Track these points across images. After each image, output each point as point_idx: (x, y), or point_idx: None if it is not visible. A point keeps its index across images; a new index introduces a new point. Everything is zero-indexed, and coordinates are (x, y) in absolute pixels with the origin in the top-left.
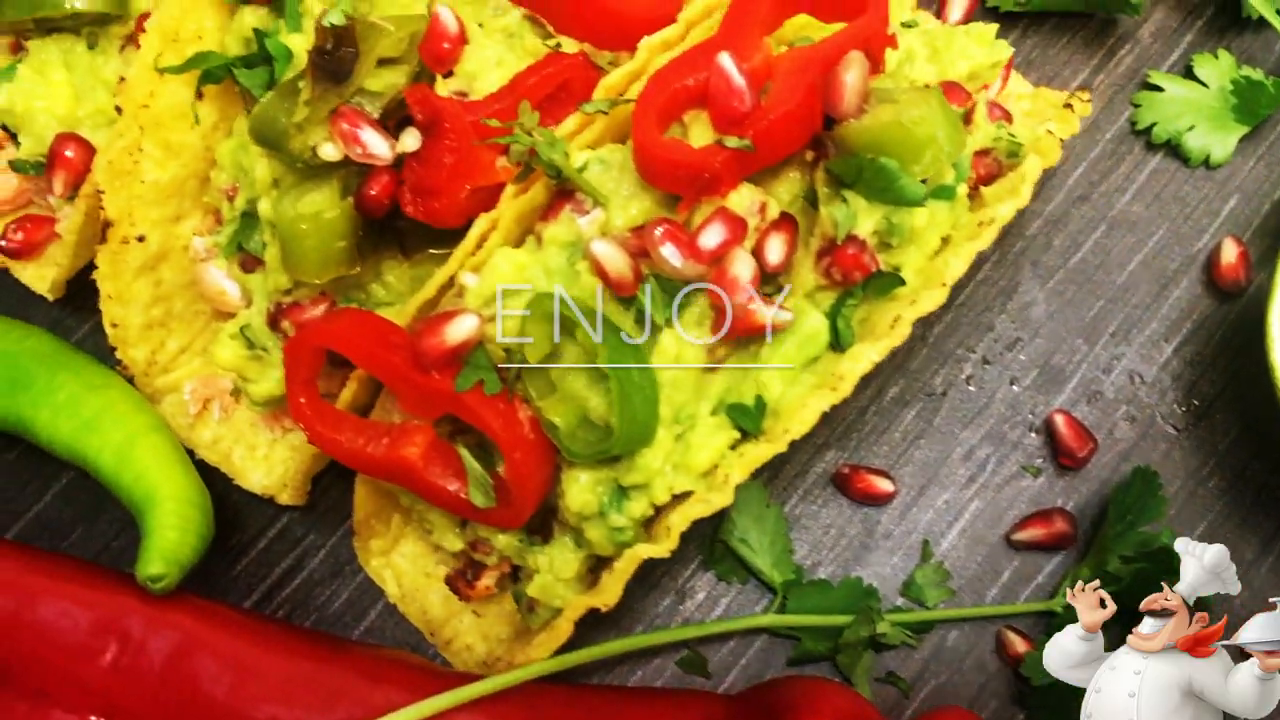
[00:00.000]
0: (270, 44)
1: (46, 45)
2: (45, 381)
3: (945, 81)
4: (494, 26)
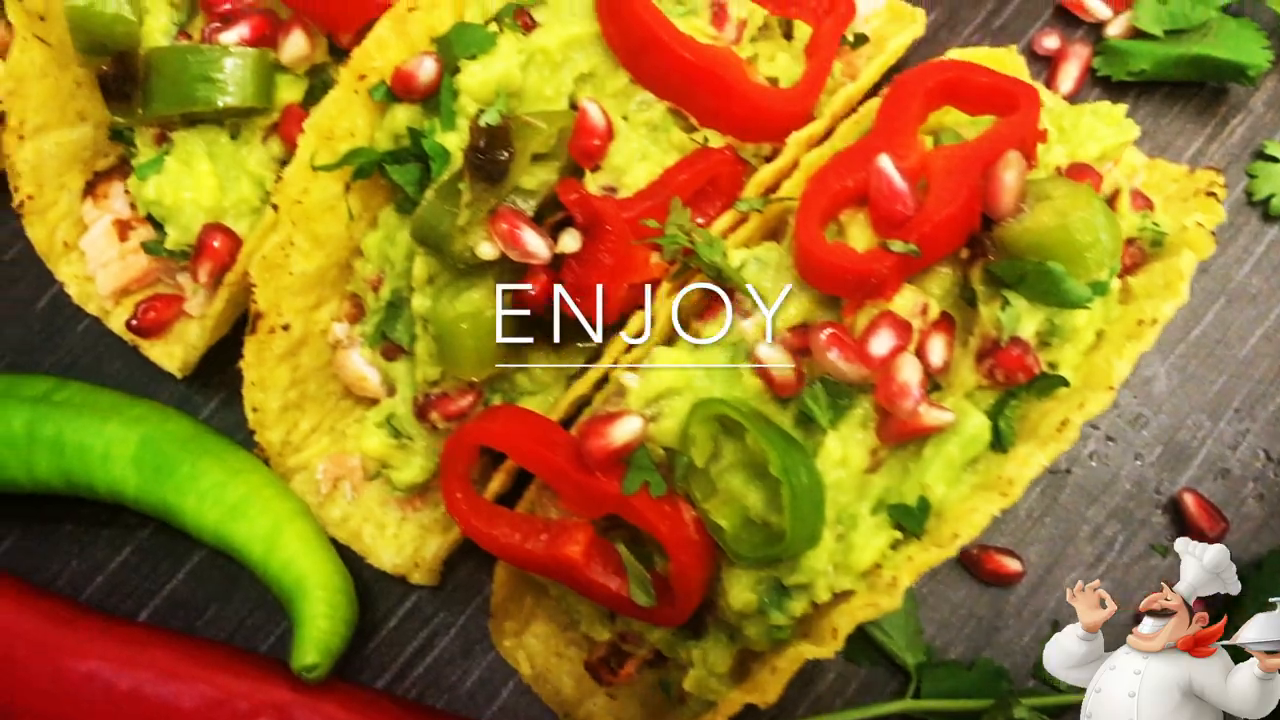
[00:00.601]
0: (427, 144)
1: (190, 137)
2: (189, 467)
3: (1075, 163)
4: (638, 120)
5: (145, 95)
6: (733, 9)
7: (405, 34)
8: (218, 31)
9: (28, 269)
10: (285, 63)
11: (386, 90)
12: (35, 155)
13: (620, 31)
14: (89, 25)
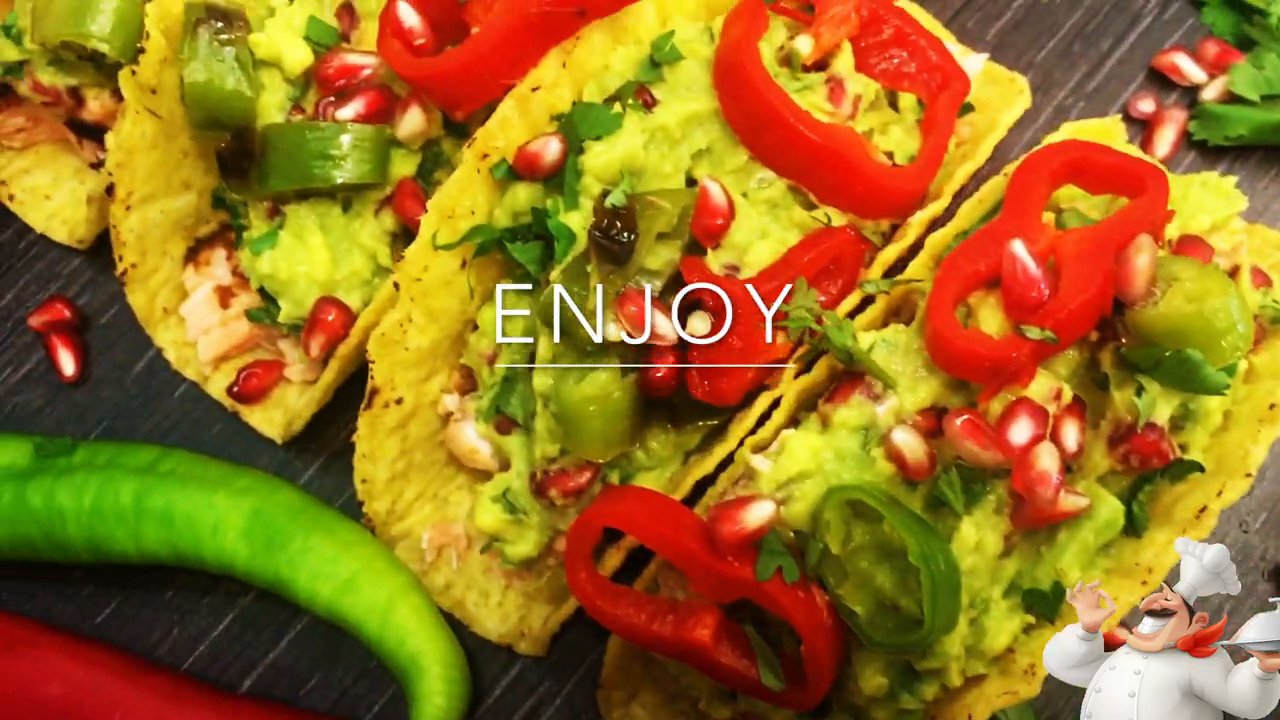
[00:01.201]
0: (552, 224)
1: (303, 210)
2: (300, 541)
3: (1187, 236)
4: (759, 198)
5: (261, 171)
6: (849, 85)
7: (528, 113)
8: (332, 106)
9: (123, 333)
10: (401, 138)
11: (508, 168)
12: (140, 224)
13: (740, 108)
14: (207, 101)
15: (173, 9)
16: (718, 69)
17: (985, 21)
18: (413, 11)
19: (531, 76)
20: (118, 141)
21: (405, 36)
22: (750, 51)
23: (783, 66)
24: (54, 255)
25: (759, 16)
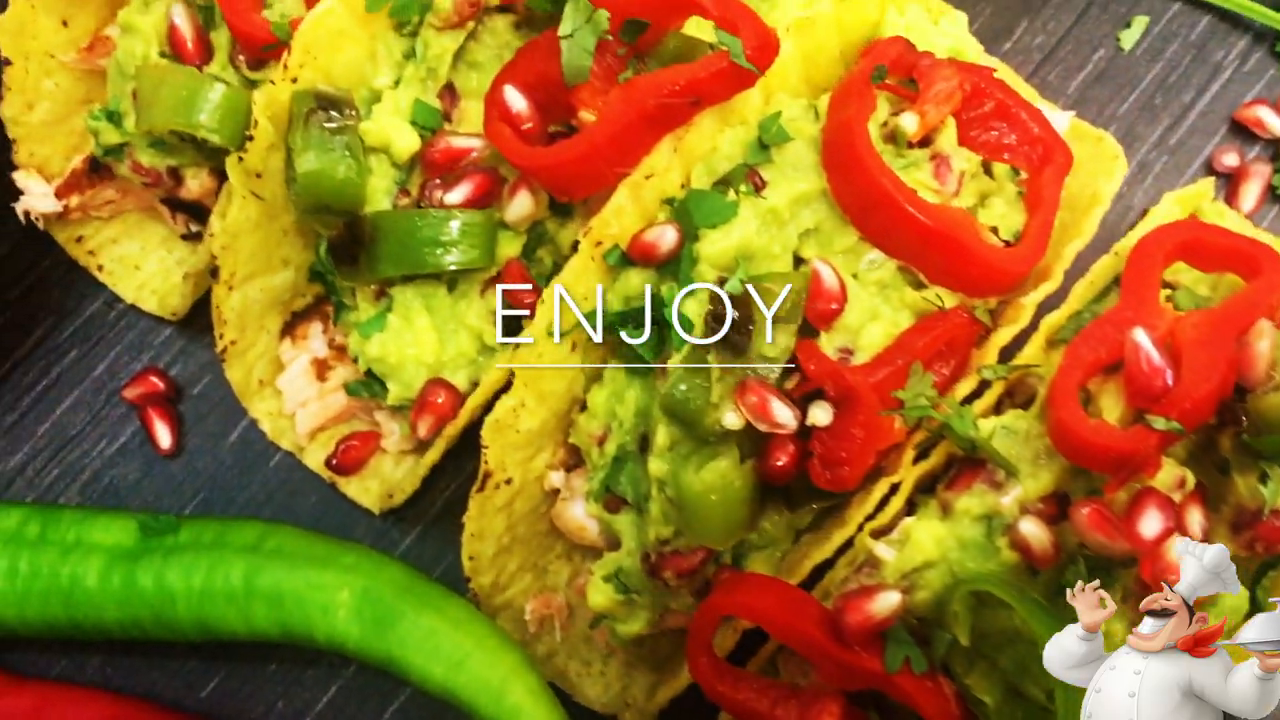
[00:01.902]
0: (669, 313)
1: (408, 292)
2: (411, 619)
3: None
4: (869, 279)
5: (371, 257)
6: (955, 162)
7: (640, 200)
8: (439, 190)
9: (216, 404)
10: (509, 222)
11: (621, 255)
12: (241, 303)
13: (851, 190)
14: (319, 190)
15: (279, 96)
16: (826, 149)
17: (1066, 75)
18: (520, 96)
19: (645, 164)
20: (224, 226)
21: (513, 121)
22: (861, 133)
23: (887, 143)
24: (144, 325)
25: (867, 97)
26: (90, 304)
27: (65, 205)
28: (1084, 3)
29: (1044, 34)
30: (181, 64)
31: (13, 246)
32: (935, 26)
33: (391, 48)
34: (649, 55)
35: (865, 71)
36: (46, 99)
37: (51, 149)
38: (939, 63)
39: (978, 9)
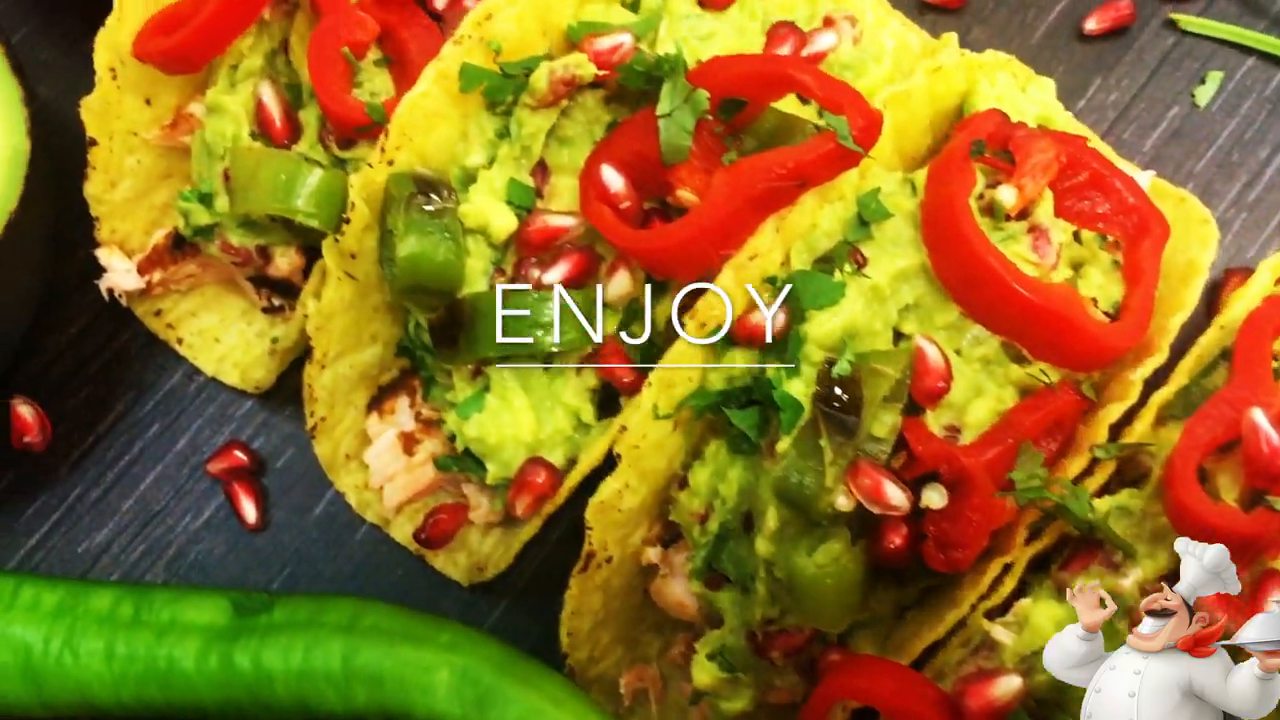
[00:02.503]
0: (778, 395)
1: (505, 371)
2: (512, 698)
3: None
4: (972, 355)
5: (470, 339)
6: (1053, 235)
7: (743, 281)
8: (536, 269)
9: (300, 476)
10: (607, 300)
11: (725, 336)
12: (332, 380)
13: (953, 266)
14: (419, 273)
15: (376, 178)
16: (927, 225)
17: (1141, 133)
18: (617, 175)
19: (749, 246)
20: (319, 307)
21: (611, 200)
22: (963, 210)
23: (984, 216)
24: (225, 398)
25: (967, 172)
26: (170, 377)
27: (148, 281)
28: (1156, 59)
29: (1117, 91)
30: (270, 143)
31: (90, 320)
32: (1024, 94)
33: (484, 126)
34: (746, 131)
35: (964, 147)
36: (129, 176)
37: (132, 225)
38: (1034, 135)
39: (1050, 67)
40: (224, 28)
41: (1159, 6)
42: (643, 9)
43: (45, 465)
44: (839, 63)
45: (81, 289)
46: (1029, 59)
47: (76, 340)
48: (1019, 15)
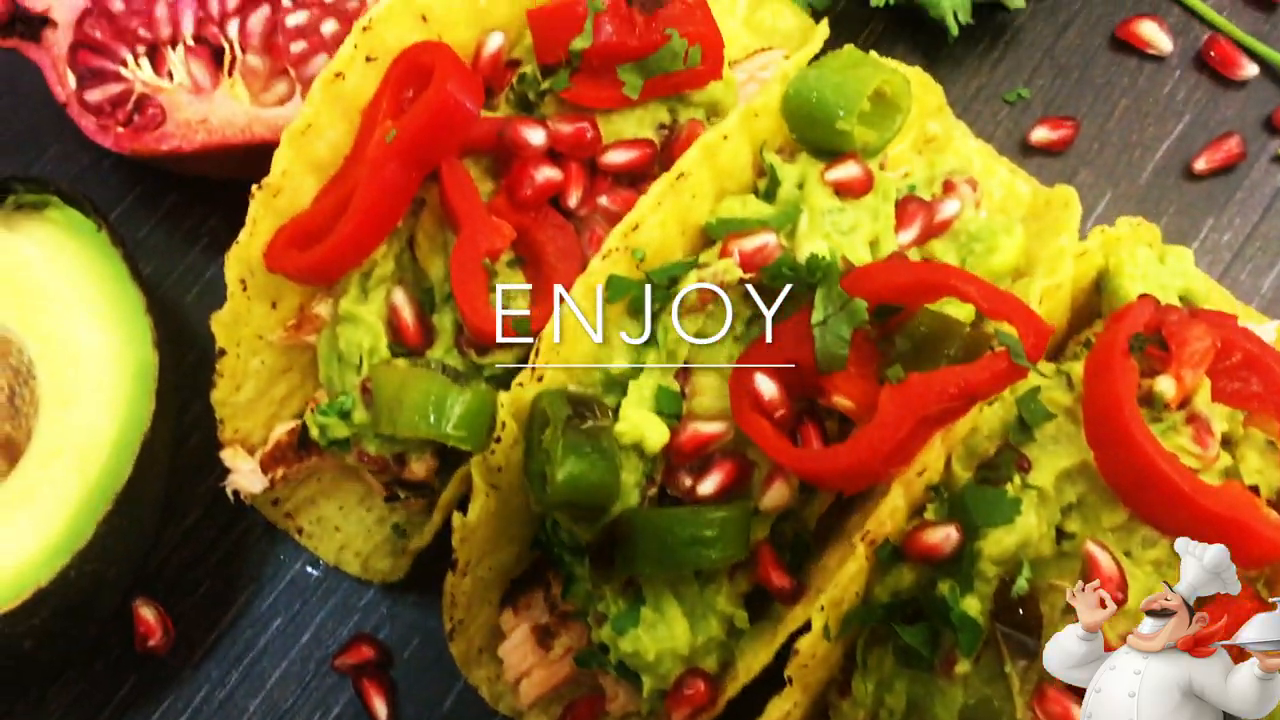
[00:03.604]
0: (955, 617)
1: (659, 583)
2: None
3: None
4: (1144, 559)
5: (626, 557)
6: (1215, 424)
7: (911, 495)
8: (689, 478)
9: (429, 667)
10: (763, 510)
11: (893, 550)
12: (472, 585)
13: (1121, 468)
14: (575, 493)
15: (525, 396)
16: (1090, 425)
17: (1258, 273)
18: (771, 383)
19: (918, 462)
20: (464, 520)
21: (766, 409)
22: (1132, 414)
23: (1143, 406)
24: (348, 587)
25: (1129, 371)
26: (290, 568)
27: (271, 479)
28: (1269, 196)
29: (1230, 231)
30: (406, 350)
31: (206, 511)
32: (1163, 265)
33: (629, 330)
34: (899, 332)
35: (1122, 343)
36: (252, 378)
37: (253, 422)
38: (1187, 321)
39: (1160, 207)
40: (362, 243)
41: (1268, 141)
42: (779, 200)
43: (168, 666)
44: (967, 232)
45: (195, 480)
46: (1137, 200)
47: (193, 532)
48: (1125, 155)
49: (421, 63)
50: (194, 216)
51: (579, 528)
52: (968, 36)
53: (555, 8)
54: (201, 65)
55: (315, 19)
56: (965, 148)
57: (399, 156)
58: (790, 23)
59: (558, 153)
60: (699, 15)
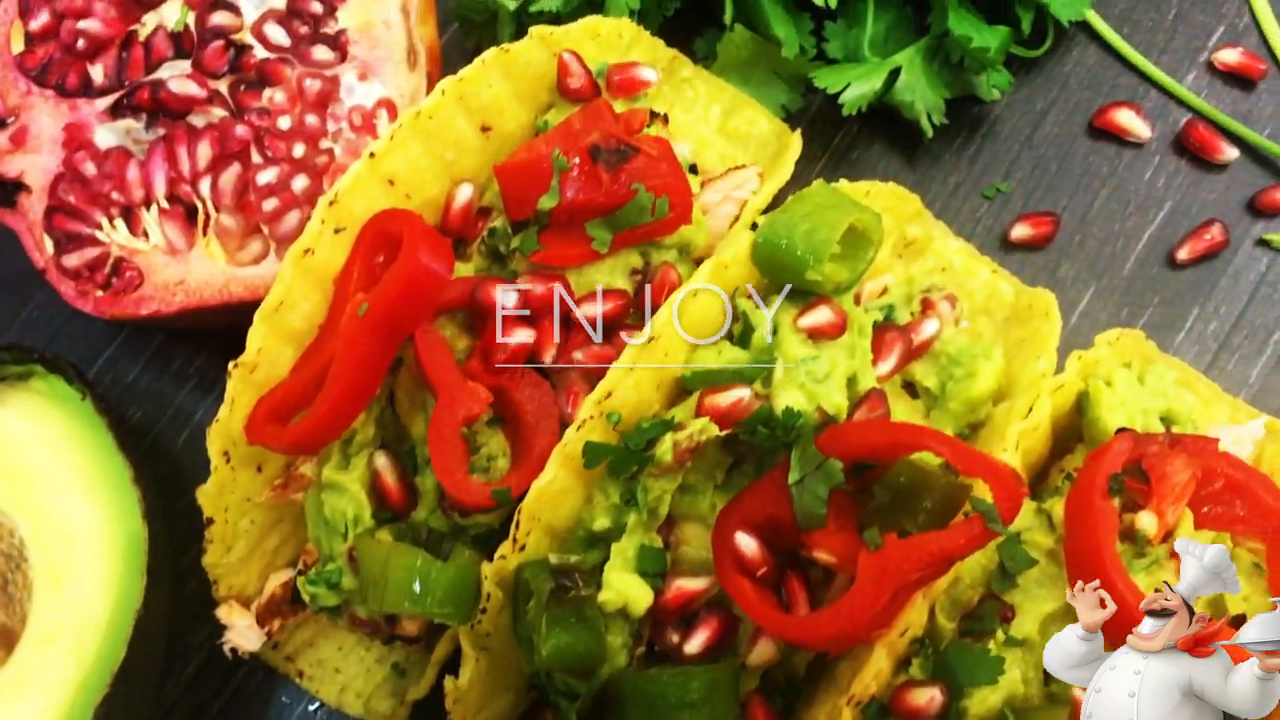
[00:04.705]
0: None
1: None
2: None
3: None
4: None
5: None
6: None
7: (895, 653)
8: (676, 635)
9: None
10: (750, 666)
11: (879, 708)
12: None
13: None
14: (562, 662)
15: (508, 566)
16: (1071, 567)
17: (1245, 362)
18: (751, 540)
19: (900, 622)
20: (457, 684)
21: (748, 567)
22: (1110, 557)
23: (1125, 541)
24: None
25: (1108, 514)
26: (294, 710)
27: (268, 631)
28: (1254, 282)
29: (1217, 319)
30: (390, 514)
31: (206, 658)
32: (1143, 387)
33: (609, 491)
34: (878, 483)
35: (1101, 485)
36: (243, 538)
37: (247, 576)
38: (1167, 453)
39: (1145, 299)
40: (341, 418)
41: (1252, 224)
42: (753, 346)
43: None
44: (946, 354)
45: (195, 627)
46: (1122, 292)
47: (195, 682)
48: (1108, 247)
49: (390, 231)
50: (181, 357)
51: (572, 679)
52: (945, 131)
53: (522, 165)
54: (176, 226)
55: (285, 175)
56: (945, 249)
57: (372, 329)
58: (765, 128)
59: (531, 311)
60: (664, 167)
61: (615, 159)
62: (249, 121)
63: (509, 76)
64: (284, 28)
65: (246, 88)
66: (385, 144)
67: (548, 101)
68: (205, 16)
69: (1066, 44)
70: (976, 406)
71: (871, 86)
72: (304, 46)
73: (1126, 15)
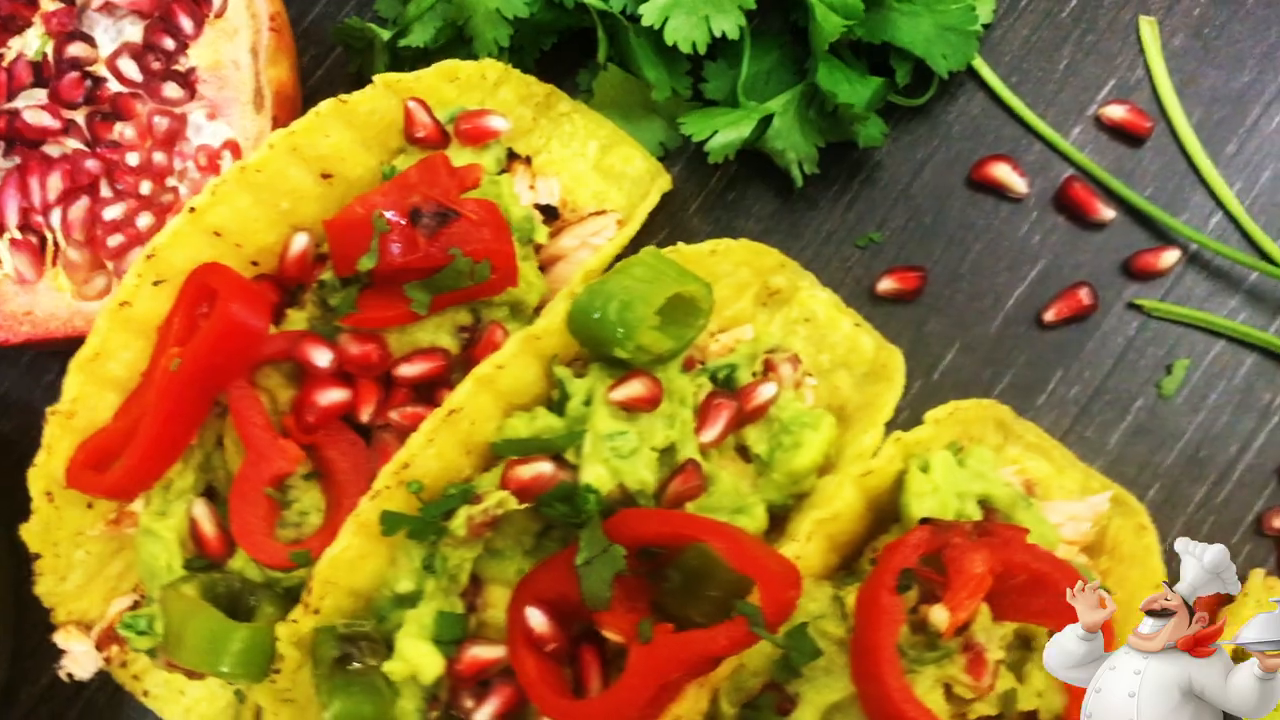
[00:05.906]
0: None
1: None
2: None
3: None
4: None
5: None
6: (990, 654)
7: None
8: (468, 699)
9: None
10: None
11: None
12: None
13: (874, 712)
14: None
15: (302, 629)
16: (854, 661)
17: (1105, 429)
18: (542, 616)
19: (672, 713)
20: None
21: (537, 642)
22: (887, 658)
23: (917, 634)
24: None
25: (894, 611)
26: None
27: (106, 657)
28: (1120, 347)
29: (1079, 384)
30: (207, 561)
31: (54, 680)
32: (963, 469)
33: (412, 554)
34: (671, 565)
35: (890, 582)
36: (78, 567)
37: (89, 601)
38: (967, 547)
39: (1010, 357)
40: (152, 468)
41: (1124, 287)
42: (568, 414)
43: None
44: (779, 420)
45: (35, 653)
46: (987, 350)
47: (49, 693)
48: (977, 303)
49: (209, 284)
50: (53, 371)
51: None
52: (822, 176)
53: (345, 223)
54: (26, 257)
55: (131, 211)
56: (811, 299)
57: (185, 384)
58: (640, 167)
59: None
60: (486, 232)
61: (435, 223)
62: (100, 155)
63: (351, 125)
64: (137, 62)
65: (102, 119)
66: (207, 198)
67: (399, 146)
68: (63, 46)
69: (952, 92)
70: (799, 479)
71: (740, 134)
72: (155, 82)
73: (1017, 64)
